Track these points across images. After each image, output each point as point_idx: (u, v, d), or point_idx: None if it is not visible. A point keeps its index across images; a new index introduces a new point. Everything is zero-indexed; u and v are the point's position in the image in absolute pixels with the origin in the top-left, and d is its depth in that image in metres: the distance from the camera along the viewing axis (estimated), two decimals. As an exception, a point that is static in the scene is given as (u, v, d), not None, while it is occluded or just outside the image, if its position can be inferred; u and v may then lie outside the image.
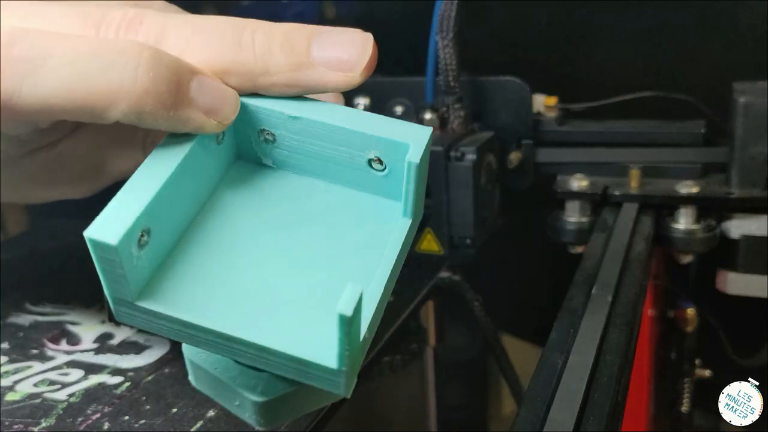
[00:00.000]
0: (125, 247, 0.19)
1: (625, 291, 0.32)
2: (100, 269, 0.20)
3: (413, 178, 0.22)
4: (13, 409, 0.29)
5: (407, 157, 0.22)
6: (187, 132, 0.23)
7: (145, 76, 0.21)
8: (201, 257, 0.22)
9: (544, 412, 0.23)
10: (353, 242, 0.23)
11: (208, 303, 0.21)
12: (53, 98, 0.22)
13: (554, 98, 0.45)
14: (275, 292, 0.21)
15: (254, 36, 0.24)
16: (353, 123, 0.23)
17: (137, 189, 0.20)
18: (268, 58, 0.23)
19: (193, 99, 0.22)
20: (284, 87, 0.24)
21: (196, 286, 0.21)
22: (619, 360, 0.26)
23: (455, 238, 0.38)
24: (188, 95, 0.22)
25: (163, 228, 0.21)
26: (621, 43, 0.58)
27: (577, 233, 0.42)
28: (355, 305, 0.17)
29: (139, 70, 0.21)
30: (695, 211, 0.40)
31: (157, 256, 0.21)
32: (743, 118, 0.39)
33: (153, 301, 0.20)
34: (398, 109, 0.45)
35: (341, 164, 0.24)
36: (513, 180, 0.45)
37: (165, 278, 0.21)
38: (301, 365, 0.20)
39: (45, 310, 0.38)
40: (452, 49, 0.39)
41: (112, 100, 0.21)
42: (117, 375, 0.31)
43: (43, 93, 0.22)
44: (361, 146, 0.23)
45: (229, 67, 0.23)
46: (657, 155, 0.43)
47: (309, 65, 0.24)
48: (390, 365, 0.35)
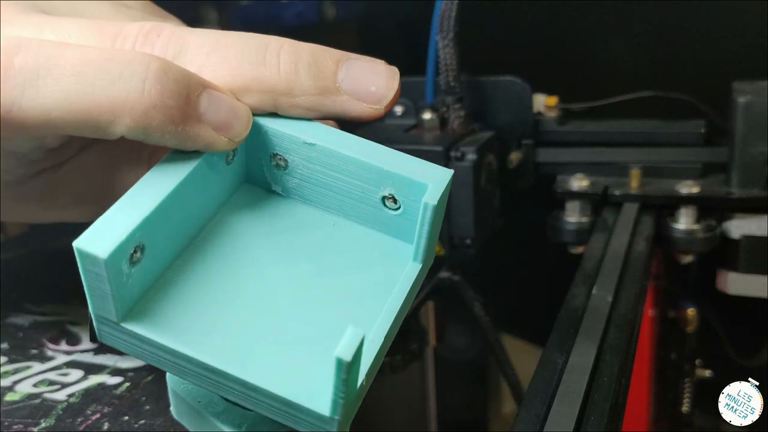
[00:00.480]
0: (115, 263, 0.18)
1: (626, 291, 0.32)
2: (86, 284, 0.18)
3: (428, 220, 0.21)
4: (12, 409, 0.29)
5: (424, 198, 0.21)
6: (196, 149, 0.21)
7: (152, 89, 0.20)
8: (196, 282, 0.20)
9: (545, 412, 0.23)
10: (358, 282, 0.22)
11: (198, 332, 0.19)
12: (55, 111, 0.21)
13: (554, 98, 0.45)
14: (271, 328, 0.20)
15: (280, 54, 0.23)
16: (371, 156, 0.22)
17: (135, 202, 0.19)
18: (293, 78, 0.23)
19: (203, 114, 0.21)
20: (305, 110, 0.23)
21: (187, 312, 0.20)
22: (620, 360, 0.26)
23: (455, 238, 0.38)
24: (197, 110, 0.21)
25: (159, 246, 0.20)
26: (621, 43, 0.58)
27: (578, 233, 0.42)
28: (355, 350, 0.16)
29: (147, 82, 0.20)
30: (695, 211, 0.40)
31: (149, 275, 0.20)
32: (743, 117, 0.39)
33: (139, 323, 0.19)
34: (398, 108, 0.45)
35: (353, 198, 0.23)
36: (513, 180, 0.45)
37: (155, 300, 0.20)
38: (291, 409, 0.18)
39: (45, 310, 0.38)
40: (452, 48, 0.39)
41: (117, 113, 0.20)
42: (117, 375, 0.31)
43: (44, 105, 0.21)
44: (377, 181, 0.22)
45: (250, 84, 0.22)
46: (657, 155, 0.44)
47: (335, 91, 0.23)
48: (390, 365, 0.35)
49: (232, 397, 0.19)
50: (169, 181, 0.20)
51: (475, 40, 0.46)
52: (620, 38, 0.58)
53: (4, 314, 0.38)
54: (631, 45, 0.58)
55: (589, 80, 0.58)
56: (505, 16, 0.61)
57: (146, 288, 0.20)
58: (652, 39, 0.57)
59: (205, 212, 0.22)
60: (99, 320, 0.19)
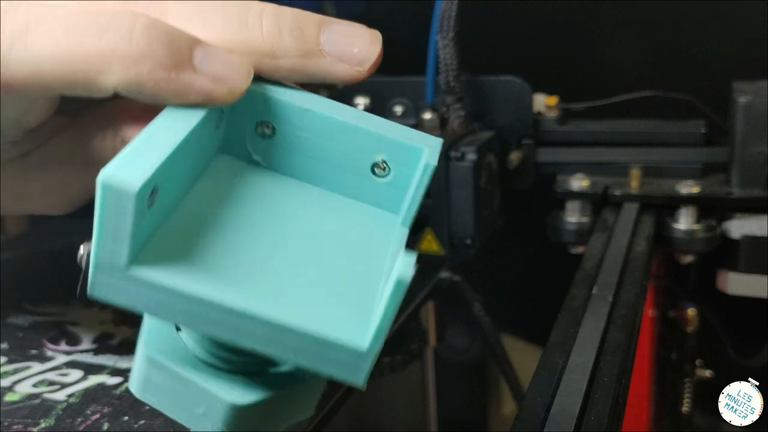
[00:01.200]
0: (141, 198, 0.17)
1: (626, 291, 0.32)
2: (100, 223, 0.17)
3: (425, 182, 0.21)
4: (12, 409, 0.29)
5: (424, 159, 0.21)
6: (196, 102, 0.21)
7: (140, 38, 0.20)
8: (202, 230, 0.20)
9: (545, 412, 0.23)
10: (351, 245, 0.22)
11: (215, 275, 0.18)
12: (45, 63, 0.21)
13: (555, 98, 0.45)
14: (286, 272, 0.19)
15: (262, 16, 0.23)
16: (366, 122, 0.22)
17: (152, 145, 0.18)
18: (276, 40, 0.22)
19: (198, 66, 0.21)
20: (289, 72, 0.23)
21: (200, 256, 0.19)
22: (620, 360, 0.26)
23: (455, 238, 0.38)
24: (191, 61, 0.21)
25: (168, 191, 0.19)
26: (621, 43, 0.58)
27: (578, 233, 0.42)
28: (412, 271, 0.16)
29: (134, 32, 0.20)
30: (696, 211, 0.40)
31: (157, 220, 0.19)
32: (743, 117, 0.39)
33: (153, 267, 0.18)
34: (398, 108, 0.45)
35: (341, 167, 0.23)
36: (513, 180, 0.45)
37: (163, 246, 0.18)
38: (321, 348, 0.17)
39: (44, 311, 0.38)
40: (452, 48, 0.39)
41: (107, 62, 0.20)
42: (116, 375, 0.31)
43: (33, 58, 0.21)
44: (370, 148, 0.22)
45: (233, 47, 0.22)
46: (657, 155, 0.44)
47: (318, 53, 0.23)
48: (390, 365, 0.35)
49: (248, 343, 0.18)
50: (181, 127, 0.20)
51: (475, 40, 0.46)
52: (620, 38, 0.58)
53: (3, 314, 0.38)
54: (631, 45, 0.58)
55: (589, 80, 0.58)
56: (505, 16, 0.61)
57: (153, 232, 0.19)
58: (652, 39, 0.57)
59: (197, 172, 0.22)
60: (101, 268, 0.18)
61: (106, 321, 0.36)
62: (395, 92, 0.45)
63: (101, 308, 0.37)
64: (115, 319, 0.36)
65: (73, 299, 0.39)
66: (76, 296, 0.24)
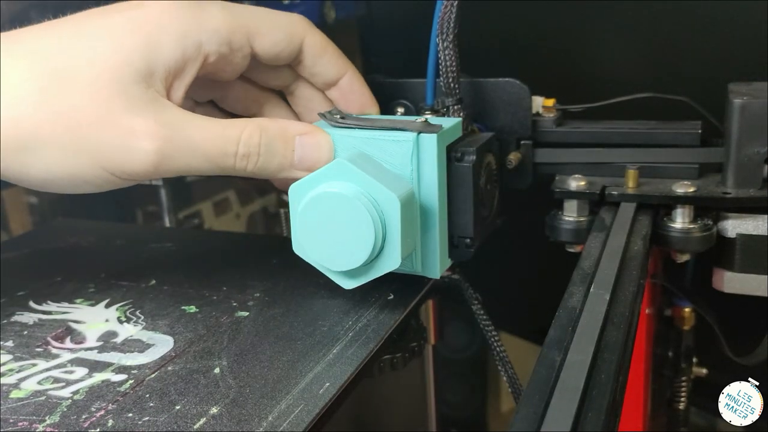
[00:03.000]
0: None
1: (623, 289, 0.32)
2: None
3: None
4: (17, 406, 0.29)
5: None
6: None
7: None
8: None
9: (543, 409, 0.23)
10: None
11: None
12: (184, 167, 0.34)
13: (552, 99, 0.46)
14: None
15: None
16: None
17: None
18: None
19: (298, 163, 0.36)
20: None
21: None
22: (617, 358, 0.27)
23: (455, 238, 0.38)
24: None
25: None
26: (619, 45, 0.59)
27: (576, 232, 0.42)
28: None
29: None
30: (692, 211, 0.41)
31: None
32: (739, 118, 0.39)
33: None
34: (399, 110, 0.45)
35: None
36: (512, 180, 0.45)
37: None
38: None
39: (49, 309, 0.38)
40: (452, 50, 0.39)
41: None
42: (121, 373, 0.32)
43: (178, 168, 0.33)
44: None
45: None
46: (654, 155, 0.44)
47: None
48: (390, 363, 0.36)
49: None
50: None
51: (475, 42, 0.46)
52: (618, 40, 0.58)
53: (9, 312, 0.38)
54: (629, 46, 0.58)
55: (587, 82, 0.58)
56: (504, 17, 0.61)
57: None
58: (650, 40, 0.57)
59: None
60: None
61: (110, 319, 0.37)
62: (396, 94, 0.45)
63: (106, 306, 0.38)
64: (120, 318, 0.37)
65: (77, 297, 0.39)
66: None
